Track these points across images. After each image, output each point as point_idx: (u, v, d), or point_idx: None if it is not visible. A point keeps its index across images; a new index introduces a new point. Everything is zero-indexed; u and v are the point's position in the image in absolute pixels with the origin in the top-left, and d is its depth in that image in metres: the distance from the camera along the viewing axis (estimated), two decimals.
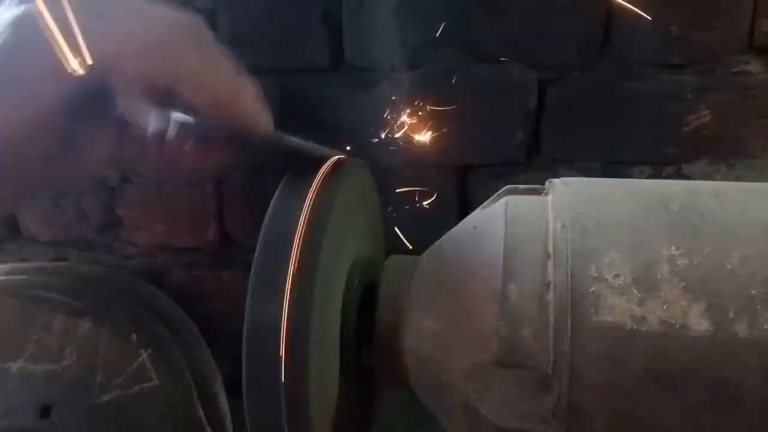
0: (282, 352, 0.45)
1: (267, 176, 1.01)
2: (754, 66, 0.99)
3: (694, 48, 0.99)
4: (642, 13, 0.96)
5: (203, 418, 1.06)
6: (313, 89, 1.06)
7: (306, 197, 0.47)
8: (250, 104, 0.40)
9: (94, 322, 1.02)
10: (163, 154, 0.43)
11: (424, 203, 1.06)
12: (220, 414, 1.11)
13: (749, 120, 1.01)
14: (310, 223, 0.46)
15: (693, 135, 1.03)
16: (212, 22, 1.15)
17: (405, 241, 0.66)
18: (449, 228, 0.58)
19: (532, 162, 1.10)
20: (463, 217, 0.58)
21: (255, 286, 0.46)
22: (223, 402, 1.13)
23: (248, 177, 1.09)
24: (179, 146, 0.43)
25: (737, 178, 1.03)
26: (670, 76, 1.02)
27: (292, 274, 0.45)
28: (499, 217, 0.49)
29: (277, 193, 0.48)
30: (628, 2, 0.98)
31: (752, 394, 0.41)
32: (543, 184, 0.54)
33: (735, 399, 0.41)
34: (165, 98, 0.37)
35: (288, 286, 0.45)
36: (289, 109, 1.05)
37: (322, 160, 0.51)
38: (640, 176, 1.07)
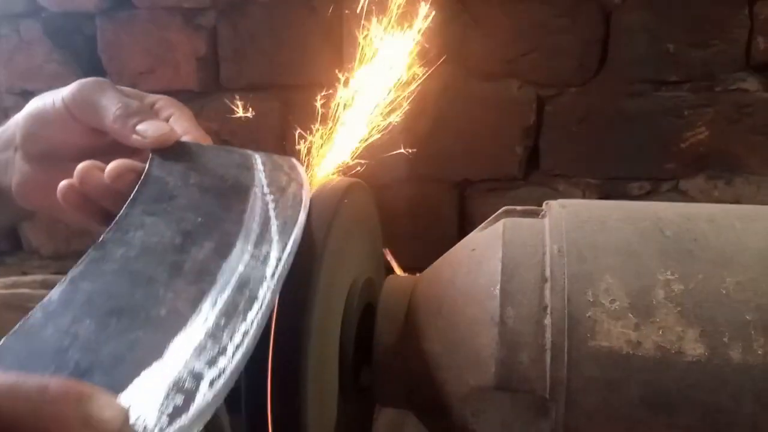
0: (281, 371, 0.45)
1: None
2: (751, 83, 1.00)
3: (692, 65, 1.00)
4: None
5: None
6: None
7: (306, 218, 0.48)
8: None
9: None
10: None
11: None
12: (220, 428, 1.11)
13: (746, 136, 1.02)
14: (309, 245, 0.47)
15: (690, 151, 1.03)
16: (214, 39, 1.17)
17: (396, 268, 0.66)
18: (448, 242, 0.59)
19: (530, 177, 1.11)
20: (463, 232, 0.58)
21: None
22: (224, 418, 1.13)
23: None
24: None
25: (735, 194, 1.04)
26: (667, 92, 1.03)
27: (292, 295, 0.46)
28: (496, 240, 0.50)
29: None
30: (627, 20, 0.98)
31: (746, 419, 0.41)
32: (542, 198, 0.55)
33: (729, 424, 0.41)
34: None
35: (287, 306, 0.46)
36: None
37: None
38: (639, 191, 1.08)
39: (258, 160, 0.50)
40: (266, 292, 0.38)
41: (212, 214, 0.42)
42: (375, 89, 0.62)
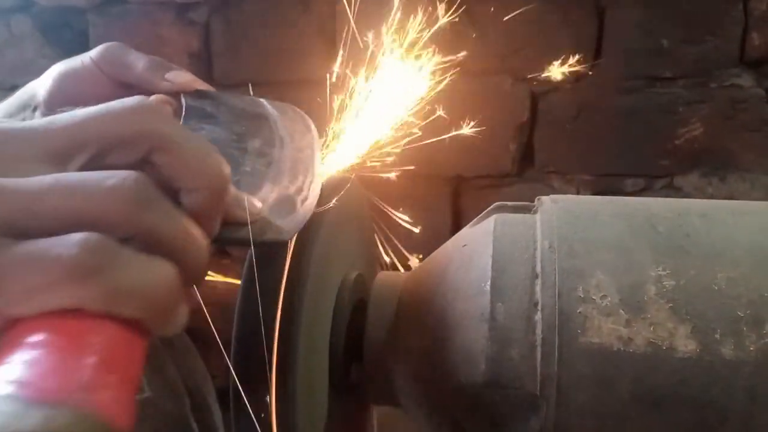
0: (270, 368, 0.45)
1: None
2: (745, 80, 1.00)
3: (686, 61, 1.00)
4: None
5: (196, 431, 1.06)
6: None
7: None
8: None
9: None
10: None
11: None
12: (213, 427, 1.11)
13: (741, 133, 1.02)
14: (299, 241, 0.46)
15: (685, 148, 1.03)
16: (207, 35, 1.16)
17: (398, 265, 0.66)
18: (442, 238, 0.58)
19: (524, 174, 1.11)
20: (456, 228, 0.58)
21: (243, 301, 0.46)
22: (217, 414, 1.13)
23: None
24: None
25: (729, 191, 1.04)
26: (662, 89, 1.02)
27: (281, 291, 0.45)
28: (487, 236, 0.50)
29: None
30: (621, 16, 0.98)
31: (738, 415, 0.41)
32: (535, 195, 0.54)
33: (721, 421, 0.41)
34: None
35: (278, 302, 0.45)
36: None
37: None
38: (633, 188, 1.08)
39: (264, 101, 0.56)
40: (313, 168, 0.47)
41: (249, 127, 0.50)
42: (372, 91, 0.62)
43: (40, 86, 0.56)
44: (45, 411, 0.22)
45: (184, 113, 0.49)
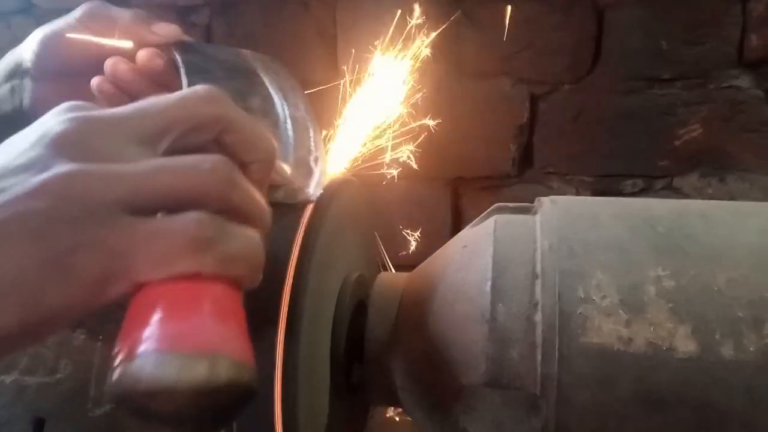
0: (272, 368, 0.45)
1: None
2: (744, 81, 1.00)
3: (685, 63, 1.00)
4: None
5: None
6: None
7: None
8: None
9: (88, 335, 1.02)
10: None
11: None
12: None
13: (739, 134, 1.02)
14: (301, 242, 0.46)
15: (684, 149, 1.03)
16: (208, 37, 1.16)
17: (390, 267, 0.67)
18: (442, 239, 0.59)
19: (524, 175, 1.11)
20: (456, 229, 0.58)
21: (245, 301, 0.46)
22: None
23: None
24: None
25: (728, 192, 1.04)
26: (661, 90, 1.03)
27: (283, 291, 0.46)
28: (487, 237, 0.50)
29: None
30: (620, 17, 0.98)
31: (738, 415, 0.41)
32: (535, 196, 0.55)
33: (721, 421, 0.41)
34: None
35: (280, 302, 0.45)
36: None
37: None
38: (632, 189, 1.08)
39: (247, 53, 0.57)
40: (310, 123, 0.50)
41: (244, 81, 0.51)
42: (372, 92, 0.63)
43: (26, 51, 0.57)
44: (206, 360, 0.25)
45: (184, 69, 0.49)
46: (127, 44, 0.55)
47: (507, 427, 0.44)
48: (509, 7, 0.98)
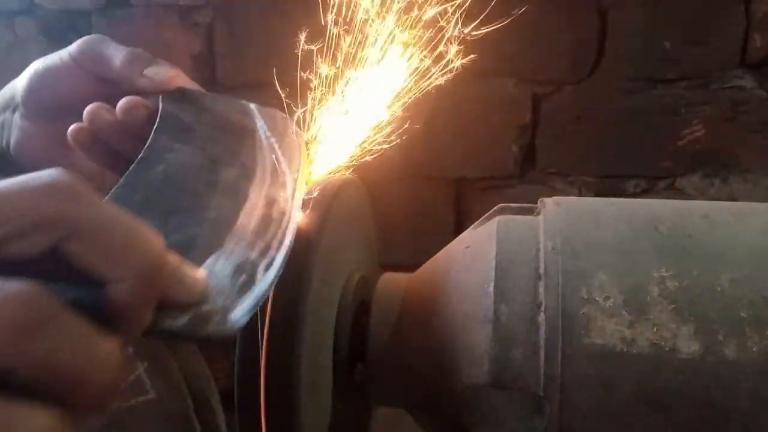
0: (274, 370, 0.45)
1: None
2: (747, 81, 1.00)
3: (688, 63, 1.00)
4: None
5: None
6: None
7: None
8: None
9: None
10: None
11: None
12: (216, 428, 1.11)
13: (742, 134, 1.02)
14: (302, 242, 0.47)
15: (687, 149, 1.03)
16: (210, 37, 1.16)
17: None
18: (445, 239, 0.59)
19: (527, 175, 1.11)
20: (459, 230, 0.58)
21: None
22: (220, 416, 1.13)
23: None
24: None
25: (731, 192, 1.04)
26: (664, 90, 1.03)
27: (285, 292, 0.46)
28: (490, 237, 0.50)
29: None
30: (623, 18, 0.98)
31: (741, 416, 0.41)
32: (538, 196, 0.55)
33: (724, 421, 0.41)
34: None
35: (280, 303, 0.45)
36: None
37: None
38: (635, 189, 1.08)
39: (253, 108, 0.53)
40: (290, 209, 0.42)
41: (229, 146, 0.46)
42: (372, 90, 0.62)
43: (19, 85, 0.54)
44: None
45: (157, 122, 0.45)
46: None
47: (510, 427, 0.44)
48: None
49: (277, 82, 0.60)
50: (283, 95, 0.64)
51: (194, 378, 1.11)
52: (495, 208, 0.54)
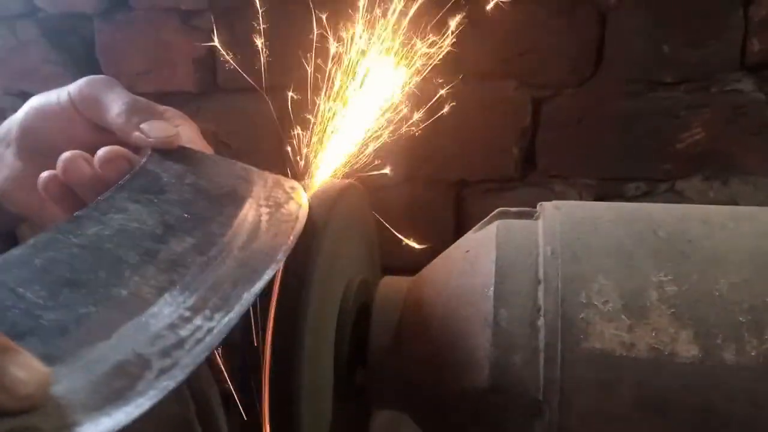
0: (275, 373, 0.45)
1: None
2: (746, 84, 1.00)
3: (687, 66, 1.00)
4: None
5: None
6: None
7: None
8: None
9: None
10: None
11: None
12: (218, 431, 1.11)
13: (742, 137, 1.02)
14: (304, 246, 0.47)
15: (686, 152, 1.04)
16: (211, 40, 1.17)
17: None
18: (445, 242, 0.59)
19: (527, 178, 1.11)
20: (459, 232, 0.59)
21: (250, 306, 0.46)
22: (221, 417, 1.13)
23: None
24: None
25: (731, 195, 1.04)
26: (663, 93, 1.03)
27: (286, 296, 0.46)
28: (490, 242, 0.50)
29: None
30: (622, 21, 0.99)
31: (740, 420, 0.41)
32: (538, 199, 0.55)
33: (723, 425, 0.41)
34: None
35: (281, 306, 0.46)
36: None
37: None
38: (635, 192, 1.08)
39: (260, 175, 0.49)
40: (239, 301, 0.36)
41: (201, 214, 0.42)
42: (372, 94, 0.63)
43: (16, 122, 0.51)
44: None
45: (126, 179, 0.42)
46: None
47: (510, 431, 0.44)
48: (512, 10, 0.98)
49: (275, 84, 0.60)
50: (293, 95, 0.64)
51: (196, 380, 1.11)
52: (494, 212, 0.55)
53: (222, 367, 0.54)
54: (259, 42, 0.80)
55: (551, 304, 0.44)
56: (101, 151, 0.45)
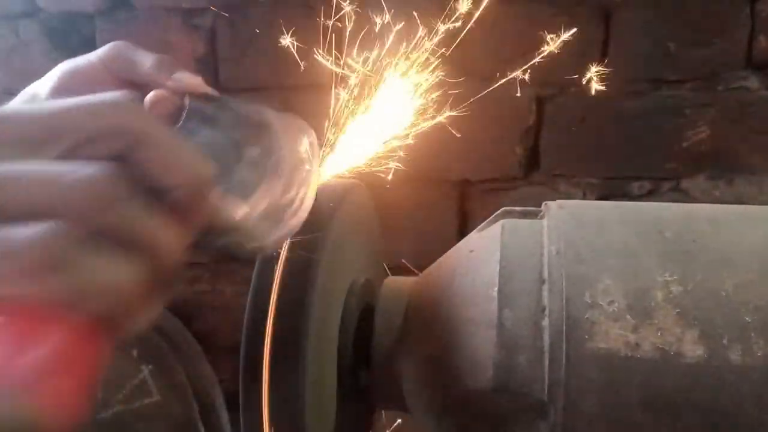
0: (278, 373, 0.45)
1: None
2: (752, 82, 1.00)
3: (693, 64, 1.00)
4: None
5: None
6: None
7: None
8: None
9: None
10: None
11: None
12: (220, 430, 1.11)
13: (748, 136, 1.01)
14: (308, 246, 0.47)
15: (692, 150, 1.03)
16: (212, 40, 1.16)
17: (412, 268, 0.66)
18: (448, 242, 0.59)
19: (531, 177, 1.11)
20: (463, 232, 0.58)
21: (252, 306, 0.46)
22: (224, 417, 1.13)
23: None
24: None
25: (736, 194, 1.03)
26: (668, 92, 1.02)
27: (290, 296, 0.46)
28: (494, 242, 0.50)
29: None
30: (627, 19, 0.98)
31: (747, 420, 0.41)
32: (542, 198, 0.54)
33: (729, 426, 0.41)
34: None
35: (285, 307, 0.45)
36: None
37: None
38: (639, 191, 1.07)
39: (268, 110, 0.53)
40: (309, 183, 0.45)
41: (250, 135, 0.47)
42: (378, 95, 0.62)
43: (43, 86, 0.54)
44: None
45: (185, 113, 0.47)
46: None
47: (515, 431, 0.44)
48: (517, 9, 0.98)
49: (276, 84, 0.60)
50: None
51: (199, 380, 1.11)
52: (499, 211, 0.54)
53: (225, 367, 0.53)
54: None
55: (556, 305, 0.44)
56: (152, 94, 0.49)
